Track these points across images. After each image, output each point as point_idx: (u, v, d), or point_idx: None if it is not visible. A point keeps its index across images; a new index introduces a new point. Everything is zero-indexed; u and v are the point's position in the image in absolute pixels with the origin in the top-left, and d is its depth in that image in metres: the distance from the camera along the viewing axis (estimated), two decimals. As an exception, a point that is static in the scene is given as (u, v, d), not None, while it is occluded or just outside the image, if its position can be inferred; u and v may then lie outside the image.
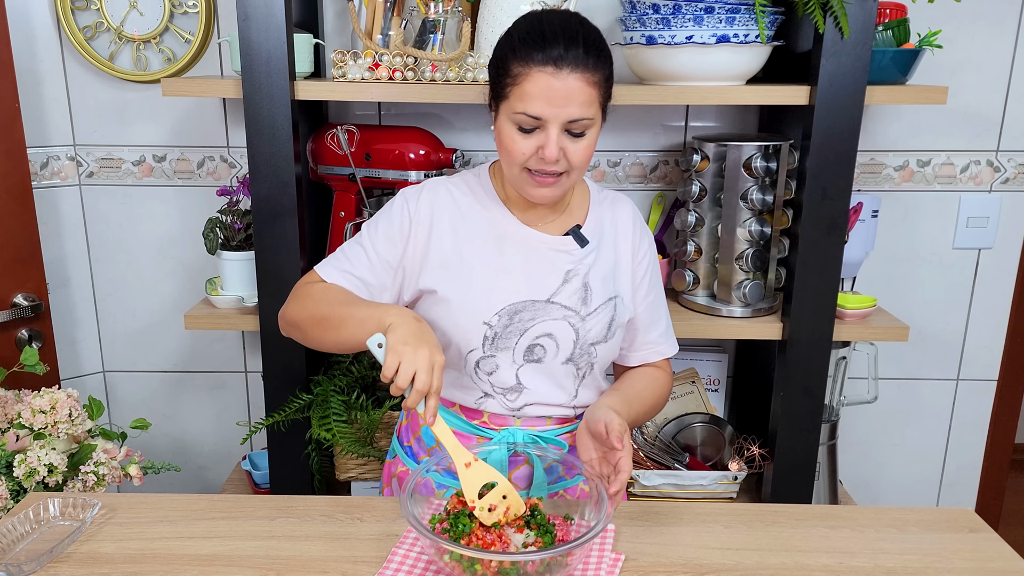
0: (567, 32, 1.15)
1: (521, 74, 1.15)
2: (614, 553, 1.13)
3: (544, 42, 1.14)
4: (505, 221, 1.30)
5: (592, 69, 1.16)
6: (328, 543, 1.16)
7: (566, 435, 1.34)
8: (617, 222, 1.36)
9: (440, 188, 1.31)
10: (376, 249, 1.29)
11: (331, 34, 1.91)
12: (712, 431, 1.94)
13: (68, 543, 1.13)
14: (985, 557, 1.14)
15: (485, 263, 1.27)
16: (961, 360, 2.14)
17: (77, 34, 1.89)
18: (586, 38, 1.16)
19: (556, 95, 1.14)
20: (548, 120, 1.16)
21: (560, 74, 1.13)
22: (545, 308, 1.27)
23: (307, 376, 1.72)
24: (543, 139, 1.17)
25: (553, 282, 1.28)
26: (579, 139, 1.19)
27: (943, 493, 2.24)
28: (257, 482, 1.96)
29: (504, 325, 1.26)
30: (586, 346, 1.29)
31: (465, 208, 1.30)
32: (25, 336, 1.85)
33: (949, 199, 2.02)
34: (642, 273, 1.37)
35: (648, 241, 1.39)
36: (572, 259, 1.30)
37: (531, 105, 1.15)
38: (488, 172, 1.34)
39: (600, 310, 1.29)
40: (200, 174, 2.01)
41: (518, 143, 1.18)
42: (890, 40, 1.65)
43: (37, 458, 1.50)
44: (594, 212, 1.35)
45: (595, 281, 1.30)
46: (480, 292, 1.26)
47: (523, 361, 1.28)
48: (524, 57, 1.15)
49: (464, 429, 1.33)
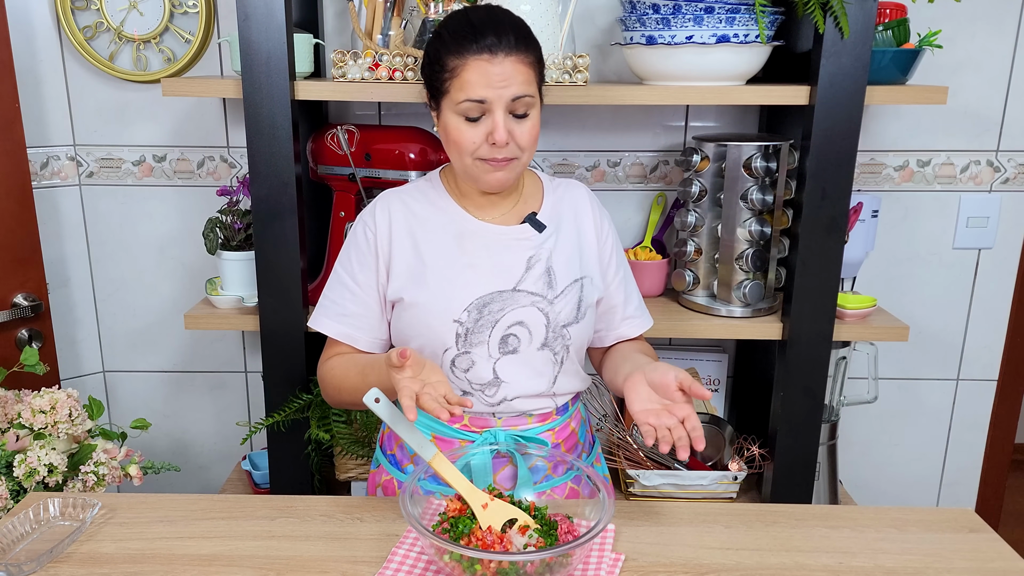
0: (495, 22, 1.21)
1: (458, 66, 1.20)
2: (614, 553, 1.13)
3: (475, 33, 1.20)
4: (462, 219, 1.33)
5: (525, 51, 1.21)
6: (328, 543, 1.16)
7: (547, 432, 1.35)
8: (576, 205, 1.39)
9: (393, 198, 1.36)
10: (355, 279, 1.34)
11: (331, 34, 1.91)
12: (712, 431, 1.94)
13: (68, 543, 1.13)
14: (985, 557, 1.14)
15: (448, 262, 1.30)
16: (961, 360, 2.14)
17: (77, 34, 1.89)
18: (513, 25, 1.22)
19: (495, 79, 1.19)
20: (492, 102, 1.20)
21: (496, 59, 1.19)
22: (512, 297, 1.30)
23: (307, 376, 1.72)
24: (490, 124, 1.21)
25: (517, 270, 1.31)
26: (524, 120, 1.23)
27: (943, 493, 2.24)
28: (257, 482, 1.96)
29: (475, 320, 1.28)
30: (558, 328, 1.32)
31: (420, 213, 1.34)
32: (25, 336, 1.85)
33: (949, 199, 2.02)
34: (608, 251, 1.41)
35: (608, 221, 1.43)
36: (532, 245, 1.33)
37: (473, 90, 1.19)
38: (440, 176, 1.39)
39: (567, 291, 1.33)
40: (200, 174, 2.01)
41: (466, 133, 1.22)
42: (890, 40, 1.65)
43: (37, 458, 1.50)
44: (549, 198, 1.38)
45: (558, 264, 1.33)
46: (446, 291, 1.29)
47: (499, 354, 1.30)
48: (458, 51, 1.20)
49: (445, 433, 1.34)
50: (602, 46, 1.91)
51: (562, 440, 1.38)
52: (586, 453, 1.45)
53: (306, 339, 1.69)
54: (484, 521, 1.08)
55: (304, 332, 1.69)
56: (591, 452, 1.47)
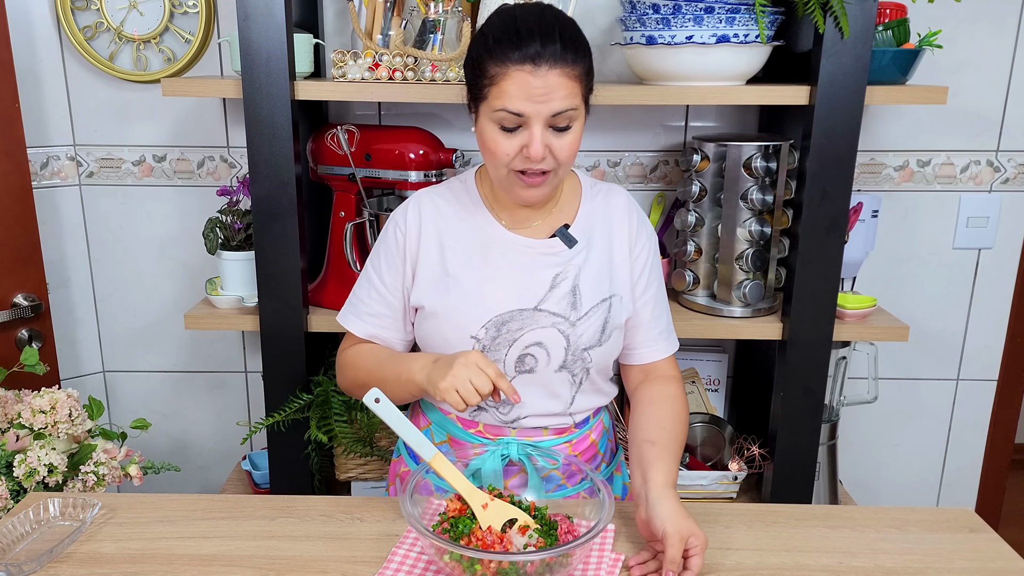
0: (542, 28, 1.12)
1: (499, 74, 1.12)
2: (614, 553, 1.13)
3: (520, 40, 1.11)
4: (490, 228, 1.28)
5: (571, 63, 1.13)
6: (328, 543, 1.16)
7: (563, 445, 1.32)
8: (611, 215, 1.31)
9: (425, 199, 1.31)
10: (383, 279, 1.30)
11: (331, 34, 1.91)
12: (712, 431, 1.94)
13: (68, 543, 1.13)
14: (985, 557, 1.14)
15: (470, 274, 1.26)
16: (961, 360, 2.13)
17: (77, 34, 1.89)
18: (562, 32, 1.13)
19: (536, 92, 1.11)
20: (530, 117, 1.13)
21: (539, 71, 1.10)
22: (533, 316, 1.25)
23: (307, 376, 1.72)
24: (527, 137, 1.14)
25: (540, 289, 1.26)
26: (564, 133, 1.16)
27: (943, 493, 2.24)
28: (257, 482, 1.96)
29: (492, 337, 1.24)
30: (579, 352, 1.27)
31: (450, 216, 1.29)
32: (25, 336, 1.85)
33: (949, 199, 2.02)
34: (641, 266, 1.32)
35: (647, 232, 1.34)
36: (560, 261, 1.27)
37: (511, 102, 1.12)
38: (475, 177, 1.32)
39: (592, 313, 1.27)
40: (200, 174, 2.01)
41: (501, 144, 1.16)
42: (890, 40, 1.65)
43: (37, 458, 1.50)
44: (585, 207, 1.31)
45: (586, 283, 1.27)
46: (466, 305, 1.25)
47: (515, 372, 1.26)
48: (500, 57, 1.12)
49: (460, 437, 1.32)
50: (602, 46, 1.91)
51: (579, 452, 1.34)
52: (606, 463, 1.40)
53: (306, 339, 1.69)
54: (484, 521, 1.08)
55: (304, 332, 1.69)
56: (612, 461, 1.42)
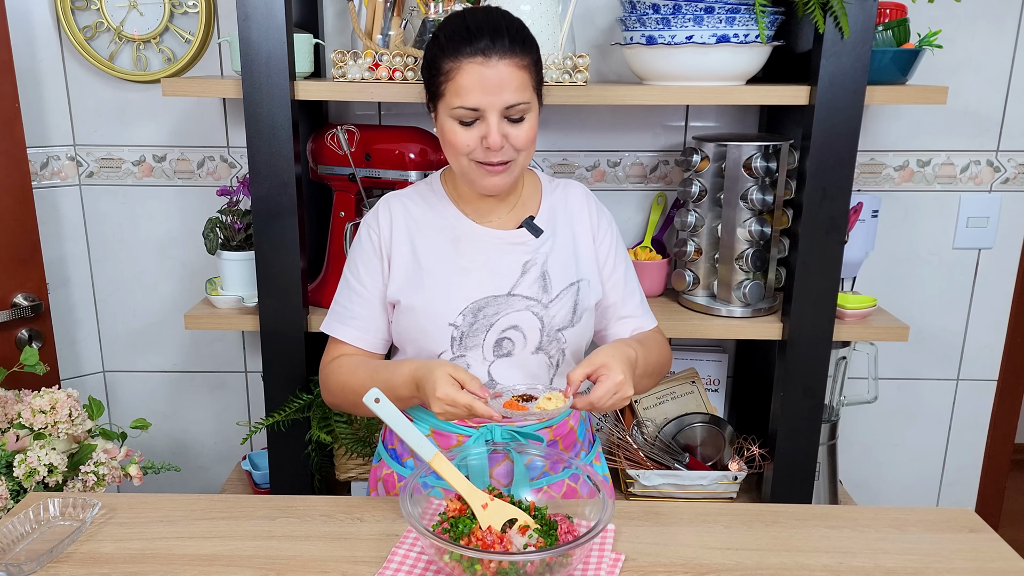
0: (491, 24, 1.21)
1: (453, 69, 1.20)
2: (614, 553, 1.13)
3: (470, 36, 1.20)
4: (459, 222, 1.35)
5: (520, 54, 1.21)
6: (328, 543, 1.16)
7: (545, 429, 1.36)
8: (571, 207, 1.40)
9: (394, 201, 1.38)
10: (361, 281, 1.36)
11: (331, 34, 1.91)
12: (712, 431, 1.94)
13: (68, 543, 1.13)
14: (985, 557, 1.14)
15: (444, 267, 1.32)
16: (961, 360, 2.13)
17: (77, 34, 1.89)
18: (509, 27, 1.22)
19: (489, 84, 1.19)
20: (485, 109, 1.20)
21: (490, 62, 1.19)
22: (507, 301, 1.31)
23: (307, 376, 1.72)
24: (484, 129, 1.22)
25: (512, 275, 1.32)
26: (519, 124, 1.23)
27: (943, 493, 2.24)
28: (257, 482, 1.96)
29: (469, 323, 1.30)
30: (553, 332, 1.33)
31: (419, 216, 1.36)
32: (25, 336, 1.85)
33: (949, 199, 2.02)
34: (605, 251, 1.40)
35: (607, 219, 1.42)
36: (528, 250, 1.34)
37: (467, 97, 1.20)
38: (440, 179, 1.40)
39: (562, 295, 1.33)
40: (200, 174, 2.01)
41: (460, 136, 1.23)
42: (890, 40, 1.65)
43: (37, 458, 1.50)
44: (547, 201, 1.39)
45: (554, 268, 1.33)
46: (442, 294, 1.30)
47: (493, 357, 1.31)
48: (453, 53, 1.20)
49: (443, 428, 1.35)
50: (602, 46, 1.91)
51: (560, 437, 1.38)
52: (585, 451, 1.45)
53: (306, 339, 1.69)
54: (484, 521, 1.08)
55: (304, 332, 1.69)
56: (590, 450, 1.47)
